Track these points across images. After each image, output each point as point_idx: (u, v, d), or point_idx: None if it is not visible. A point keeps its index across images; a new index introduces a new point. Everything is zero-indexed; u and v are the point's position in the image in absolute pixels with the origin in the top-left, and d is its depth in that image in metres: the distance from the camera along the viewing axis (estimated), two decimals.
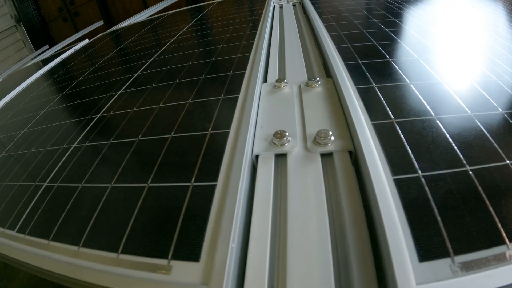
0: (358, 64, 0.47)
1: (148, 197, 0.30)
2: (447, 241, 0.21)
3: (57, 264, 0.28)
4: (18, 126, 0.66)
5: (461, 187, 0.25)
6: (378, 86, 0.41)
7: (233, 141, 0.34)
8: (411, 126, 0.32)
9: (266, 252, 0.23)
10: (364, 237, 0.23)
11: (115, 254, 0.26)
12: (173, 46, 0.82)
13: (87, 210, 0.32)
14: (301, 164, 0.31)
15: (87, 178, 0.37)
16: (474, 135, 0.30)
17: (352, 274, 0.21)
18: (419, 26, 0.62)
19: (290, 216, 0.25)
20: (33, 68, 1.38)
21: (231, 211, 0.25)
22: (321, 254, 0.22)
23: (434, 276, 0.20)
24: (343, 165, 0.30)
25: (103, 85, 0.68)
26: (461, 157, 0.27)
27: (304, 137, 0.34)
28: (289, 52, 0.60)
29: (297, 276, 0.21)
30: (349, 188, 0.27)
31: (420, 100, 0.36)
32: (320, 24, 0.69)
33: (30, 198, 0.38)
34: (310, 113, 0.38)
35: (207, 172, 0.31)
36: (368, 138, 0.31)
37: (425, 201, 0.24)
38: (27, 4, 3.94)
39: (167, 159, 0.35)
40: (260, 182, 0.29)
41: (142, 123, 0.44)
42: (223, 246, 0.23)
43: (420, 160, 0.28)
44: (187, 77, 0.56)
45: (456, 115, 0.33)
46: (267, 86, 0.46)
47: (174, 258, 0.24)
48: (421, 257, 0.20)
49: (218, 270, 0.21)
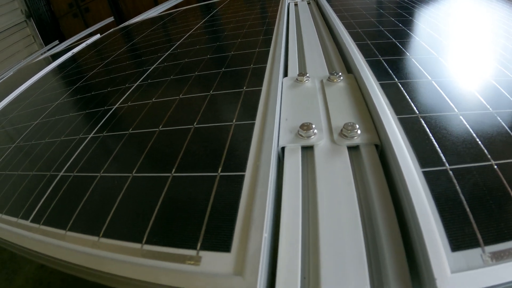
0: (379, 60, 0.47)
1: (172, 187, 0.30)
2: (477, 232, 0.21)
3: (75, 254, 0.27)
4: (31, 117, 0.66)
5: (487, 180, 0.25)
6: (400, 82, 0.41)
7: (260, 132, 0.33)
8: (436, 121, 0.32)
9: (298, 242, 0.23)
10: (395, 228, 0.23)
11: (138, 244, 0.25)
12: (190, 40, 0.82)
13: (107, 200, 0.31)
14: (329, 156, 0.30)
15: (106, 167, 0.36)
16: (497, 131, 0.30)
17: (385, 263, 0.21)
18: (435, 25, 0.62)
19: (320, 207, 0.25)
20: (44, 62, 1.39)
21: (262, 201, 0.25)
22: (354, 245, 0.22)
23: (466, 264, 0.20)
24: (370, 158, 0.30)
25: (118, 77, 0.68)
26: (486, 152, 0.28)
27: (330, 130, 0.33)
28: (307, 47, 0.59)
29: (330, 266, 0.21)
30: (377, 181, 0.27)
31: (443, 97, 0.36)
32: (338, 21, 0.69)
33: (44, 188, 0.38)
34: (335, 107, 0.37)
35: (234, 162, 0.30)
36: (395, 132, 0.31)
37: (454, 193, 0.24)
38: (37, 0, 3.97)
39: (190, 149, 0.34)
40: (288, 173, 0.29)
41: (162, 114, 0.44)
42: (256, 236, 0.22)
43: (446, 154, 0.28)
44: (206, 70, 0.56)
45: (478, 112, 0.33)
46: (288, 80, 0.46)
47: (203, 249, 0.23)
48: (454, 247, 0.21)
49: (252, 260, 0.21)
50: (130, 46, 1.00)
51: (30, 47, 3.89)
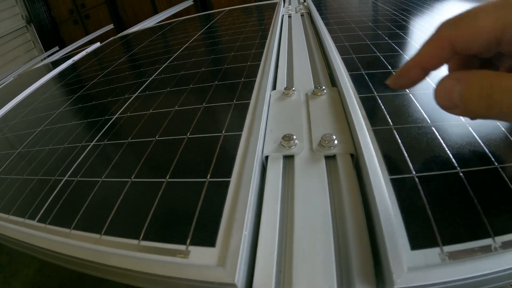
0: (361, 74, 0.50)
1: (167, 191, 0.33)
2: (437, 233, 0.23)
3: (79, 250, 0.30)
4: (34, 124, 0.69)
5: (452, 186, 0.27)
6: (379, 95, 0.43)
7: (245, 142, 0.37)
8: (408, 132, 0.34)
9: (275, 239, 0.26)
10: (363, 228, 0.26)
11: (136, 241, 0.29)
12: (186, 52, 0.86)
13: (108, 202, 0.34)
14: (307, 164, 0.33)
15: (107, 173, 0.40)
16: (466, 141, 0.32)
17: (351, 260, 0.24)
18: (421, 39, 0.65)
19: (296, 210, 0.28)
20: (44, 69, 1.42)
21: (244, 203, 0.28)
22: (324, 243, 0.25)
23: (424, 262, 0.22)
24: (345, 166, 0.32)
25: (118, 87, 0.71)
26: (453, 160, 0.30)
27: (310, 141, 0.37)
28: (297, 61, 0.63)
29: (302, 261, 0.24)
30: (350, 187, 0.30)
31: (418, 109, 0.39)
32: (327, 35, 0.72)
33: (50, 191, 0.41)
34: (316, 118, 0.41)
35: (222, 169, 0.34)
36: (368, 142, 0.33)
37: (417, 198, 0.26)
38: (38, 5, 4.02)
39: (183, 158, 0.38)
40: (270, 179, 0.32)
41: (159, 124, 0.47)
42: (237, 233, 0.26)
43: (414, 162, 0.30)
44: (200, 83, 0.60)
45: (450, 123, 0.35)
46: (276, 93, 0.49)
47: (191, 244, 0.26)
48: (413, 246, 0.23)
49: (233, 254, 0.24)
50: (130, 56, 1.04)
51: (30, 53, 3.93)
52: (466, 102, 0.20)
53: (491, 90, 0.18)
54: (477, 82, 0.19)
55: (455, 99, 0.20)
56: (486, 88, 0.18)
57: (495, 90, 0.18)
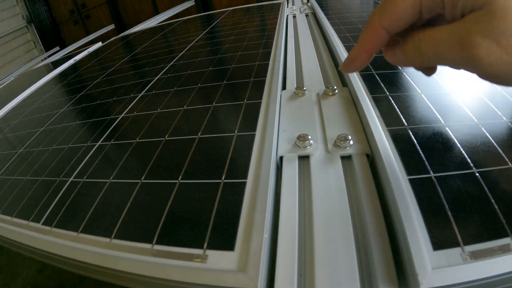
0: (372, 74, 0.50)
1: (180, 192, 0.32)
2: (457, 233, 0.23)
3: (88, 254, 0.29)
4: (36, 124, 0.68)
5: (468, 186, 0.27)
6: (391, 95, 0.43)
7: (260, 142, 0.36)
8: (423, 132, 0.34)
9: (294, 242, 0.25)
10: (383, 230, 0.25)
11: (149, 245, 0.27)
12: (191, 51, 0.85)
13: (117, 204, 0.33)
14: (323, 165, 0.33)
15: (115, 174, 0.39)
16: (480, 141, 0.32)
17: (373, 262, 0.23)
18: None
19: (315, 212, 0.27)
20: (45, 69, 1.41)
21: (263, 205, 0.27)
22: (345, 245, 0.24)
23: (446, 262, 0.22)
24: (361, 167, 0.32)
25: (123, 87, 0.70)
26: (469, 161, 0.30)
27: (325, 141, 0.36)
28: (305, 61, 0.62)
29: (324, 264, 0.23)
30: (368, 188, 0.29)
31: (431, 109, 0.38)
32: (334, 35, 0.72)
33: (55, 193, 0.40)
34: (329, 119, 0.40)
35: (237, 170, 0.33)
36: (385, 142, 0.33)
37: (437, 198, 0.26)
38: (39, 5, 4.01)
39: (195, 158, 0.37)
40: (286, 180, 0.31)
41: (168, 124, 0.46)
42: (258, 236, 0.25)
43: (431, 163, 0.30)
44: (208, 82, 0.59)
45: (463, 123, 0.35)
46: (287, 93, 0.48)
47: (209, 248, 0.25)
48: (435, 247, 0.23)
49: (254, 258, 0.23)
50: (133, 56, 1.03)
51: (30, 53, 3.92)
52: (406, 55, 0.24)
53: (419, 43, 0.22)
54: (411, 38, 0.23)
55: (399, 54, 0.25)
56: (416, 41, 0.23)
57: (421, 42, 0.22)
